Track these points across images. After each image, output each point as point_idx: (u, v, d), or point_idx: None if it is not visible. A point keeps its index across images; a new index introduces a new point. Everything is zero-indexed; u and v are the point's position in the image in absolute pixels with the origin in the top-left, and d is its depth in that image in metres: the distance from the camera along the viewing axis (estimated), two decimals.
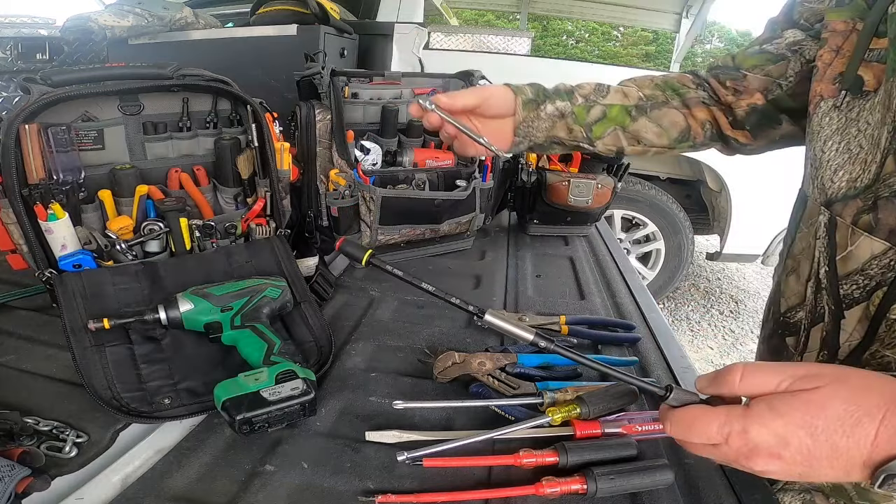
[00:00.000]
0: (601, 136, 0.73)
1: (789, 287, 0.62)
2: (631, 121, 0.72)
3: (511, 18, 11.93)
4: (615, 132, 0.73)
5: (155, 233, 0.73)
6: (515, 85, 0.72)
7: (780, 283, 0.65)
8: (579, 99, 0.72)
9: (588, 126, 0.72)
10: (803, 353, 0.59)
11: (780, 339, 0.65)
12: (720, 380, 0.39)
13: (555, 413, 0.56)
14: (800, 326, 0.60)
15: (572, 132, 0.73)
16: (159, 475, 0.51)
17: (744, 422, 0.36)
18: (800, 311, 0.60)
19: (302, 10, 1.61)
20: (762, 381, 0.38)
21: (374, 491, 0.49)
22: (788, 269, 0.63)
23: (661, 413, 0.43)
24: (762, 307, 2.40)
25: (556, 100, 0.72)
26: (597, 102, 0.72)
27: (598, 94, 0.73)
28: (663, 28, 4.69)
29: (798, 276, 0.60)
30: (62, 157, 0.65)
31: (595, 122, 0.72)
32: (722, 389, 0.39)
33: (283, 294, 0.72)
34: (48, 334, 0.71)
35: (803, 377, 0.36)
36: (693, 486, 0.53)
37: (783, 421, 0.35)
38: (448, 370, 0.66)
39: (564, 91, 0.73)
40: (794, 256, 0.62)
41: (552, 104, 0.71)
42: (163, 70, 0.70)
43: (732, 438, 0.37)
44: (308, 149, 0.96)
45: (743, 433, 0.36)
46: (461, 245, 1.15)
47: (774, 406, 0.36)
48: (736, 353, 2.84)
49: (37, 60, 1.98)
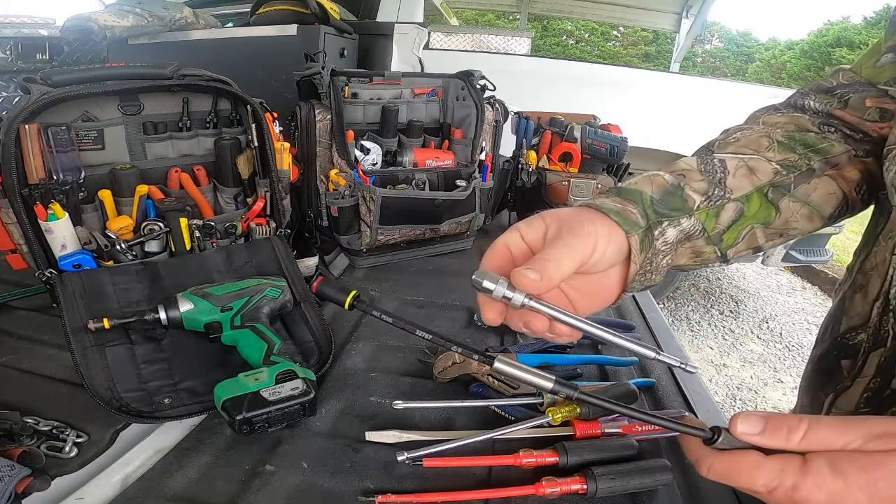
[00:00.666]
0: (734, 244, 0.50)
1: (854, 306, 0.54)
2: (775, 212, 0.49)
3: (511, 18, 11.94)
4: (752, 233, 0.50)
5: (155, 233, 0.73)
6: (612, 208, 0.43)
7: (843, 300, 0.57)
8: (696, 199, 0.47)
9: (717, 237, 0.48)
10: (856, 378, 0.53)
11: (834, 360, 0.57)
12: (777, 432, 0.34)
13: (555, 413, 0.56)
14: (859, 349, 0.52)
15: (701, 255, 0.49)
16: (159, 475, 0.51)
17: (798, 479, 0.32)
18: (861, 333, 0.53)
19: (302, 10, 1.61)
20: (830, 439, 0.33)
21: (374, 491, 0.49)
22: (857, 285, 0.55)
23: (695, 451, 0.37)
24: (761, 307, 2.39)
25: (676, 217, 0.46)
26: (725, 199, 0.48)
27: (717, 184, 0.48)
28: (663, 28, 4.69)
29: (865, 294, 0.53)
30: (62, 157, 0.65)
31: (727, 230, 0.48)
32: (777, 443, 0.34)
33: (283, 294, 0.72)
34: (48, 334, 0.71)
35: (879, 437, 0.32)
36: (693, 486, 0.53)
37: (844, 483, 0.31)
38: (448, 370, 0.66)
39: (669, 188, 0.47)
40: (864, 272, 0.53)
41: (673, 226, 0.46)
42: (163, 70, 0.70)
43: (778, 492, 0.33)
44: (308, 149, 0.96)
45: (793, 490, 0.32)
46: (461, 245, 1.15)
47: (837, 465, 0.32)
48: (736, 353, 2.84)
49: (37, 60, 1.97)
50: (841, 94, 0.54)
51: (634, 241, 0.43)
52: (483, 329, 0.82)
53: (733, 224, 0.48)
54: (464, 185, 1.06)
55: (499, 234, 0.44)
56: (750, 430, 0.34)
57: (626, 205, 0.44)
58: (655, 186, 0.47)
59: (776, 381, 2.61)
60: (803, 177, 0.50)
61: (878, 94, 0.51)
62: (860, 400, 0.51)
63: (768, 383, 2.59)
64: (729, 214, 0.48)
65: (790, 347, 2.95)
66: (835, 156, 0.51)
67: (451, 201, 1.02)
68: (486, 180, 1.09)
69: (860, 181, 0.52)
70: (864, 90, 0.52)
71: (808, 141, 0.51)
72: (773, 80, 15.84)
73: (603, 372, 0.73)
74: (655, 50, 18.15)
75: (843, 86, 0.54)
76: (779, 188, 0.49)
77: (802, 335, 3.07)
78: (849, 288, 0.57)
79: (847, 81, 0.54)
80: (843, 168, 0.51)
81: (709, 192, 0.48)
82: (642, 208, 0.45)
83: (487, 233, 1.28)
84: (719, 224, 0.48)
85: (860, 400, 0.51)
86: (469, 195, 1.04)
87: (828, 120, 0.54)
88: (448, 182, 1.06)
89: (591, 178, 1.21)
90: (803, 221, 0.51)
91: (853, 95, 0.53)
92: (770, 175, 0.49)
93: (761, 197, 0.49)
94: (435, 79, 1.10)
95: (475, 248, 1.17)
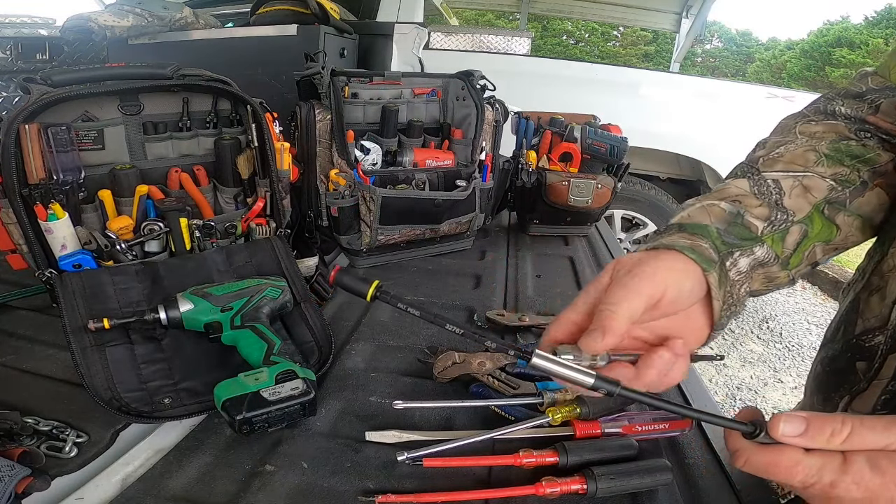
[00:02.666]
0: (799, 265, 0.49)
1: (870, 308, 0.54)
2: (835, 230, 0.49)
3: (511, 18, 11.94)
4: (813, 251, 0.49)
5: (155, 233, 0.73)
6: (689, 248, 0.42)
7: (857, 301, 0.56)
8: (759, 225, 0.46)
9: (785, 261, 0.48)
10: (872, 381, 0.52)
11: (848, 361, 0.56)
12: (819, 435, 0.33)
13: (555, 413, 0.56)
14: (876, 351, 0.51)
15: (774, 280, 0.49)
16: (159, 475, 0.50)
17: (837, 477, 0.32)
18: (879, 336, 0.52)
19: (302, 10, 1.61)
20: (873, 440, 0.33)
21: (374, 491, 0.49)
22: (872, 287, 0.54)
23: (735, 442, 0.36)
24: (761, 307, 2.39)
25: (748, 246, 0.45)
26: (788, 222, 0.47)
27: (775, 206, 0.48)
28: (663, 28, 4.68)
29: (883, 296, 0.52)
30: (62, 157, 0.65)
31: (793, 252, 0.48)
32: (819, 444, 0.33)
33: (283, 294, 0.72)
34: (48, 334, 0.71)
35: None
36: (693, 486, 0.53)
37: (882, 481, 0.32)
38: (448, 370, 0.66)
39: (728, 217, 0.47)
40: (881, 274, 0.53)
41: (745, 255, 0.45)
42: (163, 70, 0.70)
43: (815, 488, 0.33)
44: (308, 149, 0.96)
45: (830, 486, 0.33)
46: (461, 245, 1.15)
47: (877, 464, 0.32)
48: (736, 353, 2.84)
49: (37, 60, 1.97)
50: (871, 98, 0.53)
51: (713, 278, 0.41)
52: (483, 329, 0.83)
53: (798, 246, 0.48)
54: (464, 185, 1.06)
55: (499, 234, 0.44)
56: (791, 431, 0.34)
57: (695, 240, 0.43)
58: (714, 217, 0.46)
59: (776, 381, 2.61)
60: (857, 191, 0.49)
61: None
62: (877, 402, 0.50)
63: (768, 383, 2.59)
64: (794, 237, 0.47)
65: (790, 347, 2.94)
66: (881, 165, 0.51)
67: (451, 201, 1.02)
68: (486, 180, 1.09)
69: None
70: (894, 95, 0.52)
71: (854, 151, 0.51)
72: (773, 79, 15.84)
73: None
74: (655, 50, 18.14)
75: (874, 91, 0.53)
76: (834, 204, 0.49)
77: (802, 335, 3.06)
78: (862, 289, 0.56)
79: (877, 87, 0.53)
80: (888, 176, 0.51)
81: (771, 217, 0.47)
82: (711, 242, 0.44)
83: (487, 233, 1.28)
84: (786, 248, 0.47)
85: (877, 402, 0.50)
86: (469, 195, 1.04)
87: (863, 126, 0.53)
88: (448, 182, 1.06)
89: (592, 178, 1.21)
90: (857, 234, 0.51)
91: (884, 101, 0.52)
92: (825, 192, 0.49)
93: (821, 215, 0.48)
94: (435, 79, 1.10)
95: (475, 248, 1.17)
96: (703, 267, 0.41)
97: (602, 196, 1.22)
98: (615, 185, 1.24)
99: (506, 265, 1.11)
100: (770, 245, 0.46)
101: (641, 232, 2.91)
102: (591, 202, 1.22)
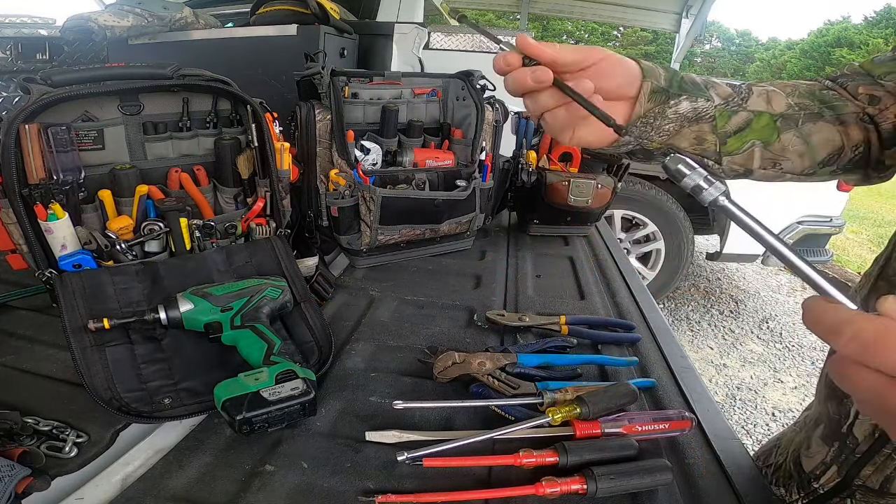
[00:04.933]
0: (733, 153, 0.55)
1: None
2: (777, 135, 0.55)
3: (511, 18, 11.94)
4: (752, 149, 0.55)
5: (155, 233, 0.73)
6: (645, 62, 0.52)
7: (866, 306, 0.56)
8: (717, 100, 0.54)
9: (723, 137, 0.54)
10: None
11: None
12: None
13: (555, 413, 0.56)
14: None
15: (703, 143, 0.54)
16: (159, 475, 0.50)
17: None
18: None
19: (302, 10, 1.61)
20: None
21: (374, 491, 0.49)
22: (880, 291, 0.55)
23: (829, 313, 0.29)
24: (761, 307, 2.38)
25: (695, 95, 0.53)
26: (740, 108, 0.54)
27: (737, 96, 0.55)
28: (663, 28, 4.68)
29: None
30: (62, 157, 0.65)
31: (733, 134, 0.54)
32: None
33: (283, 294, 0.72)
34: (48, 334, 0.71)
35: None
36: (693, 486, 0.53)
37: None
38: (448, 370, 0.66)
39: (698, 80, 0.55)
40: (887, 279, 0.54)
41: (690, 101, 0.53)
42: (163, 70, 0.70)
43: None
44: (308, 149, 0.96)
45: None
46: (461, 245, 1.15)
47: None
48: (736, 353, 2.84)
49: (37, 60, 1.97)
50: (842, 81, 0.59)
51: (646, 86, 0.50)
52: (483, 329, 0.83)
53: (740, 131, 0.54)
54: (464, 185, 1.06)
55: (499, 234, 0.44)
56: None
57: (658, 67, 0.52)
58: (685, 75, 0.54)
59: (776, 381, 2.61)
60: (811, 117, 0.55)
61: (871, 82, 0.57)
62: None
63: (768, 383, 2.59)
64: (739, 120, 0.54)
65: (790, 347, 2.95)
66: (845, 113, 0.56)
67: (451, 201, 1.02)
68: (486, 180, 1.09)
69: (859, 143, 0.57)
70: (859, 79, 0.58)
71: (825, 98, 0.57)
72: (773, 79, 15.84)
73: (603, 372, 0.73)
74: (655, 50, 18.15)
75: (845, 75, 0.60)
76: (787, 120, 0.55)
77: (802, 335, 3.06)
78: (869, 294, 0.57)
79: (849, 72, 0.60)
80: (849, 126, 0.56)
81: (728, 100, 0.55)
82: (669, 76, 0.52)
83: (487, 233, 1.28)
84: (728, 126, 0.54)
85: None
86: (469, 195, 1.04)
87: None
88: (448, 182, 1.06)
89: (591, 177, 1.21)
90: (795, 157, 0.56)
91: (850, 83, 0.58)
92: (783, 108, 0.55)
93: (771, 120, 0.55)
94: (435, 79, 1.10)
95: (475, 248, 1.17)
96: (645, 74, 0.51)
97: (602, 196, 1.22)
98: (615, 185, 1.24)
99: (506, 265, 1.11)
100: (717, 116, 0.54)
101: (641, 232, 2.91)
102: (591, 202, 1.22)
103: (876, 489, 0.52)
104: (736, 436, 0.62)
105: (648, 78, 0.50)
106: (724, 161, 0.55)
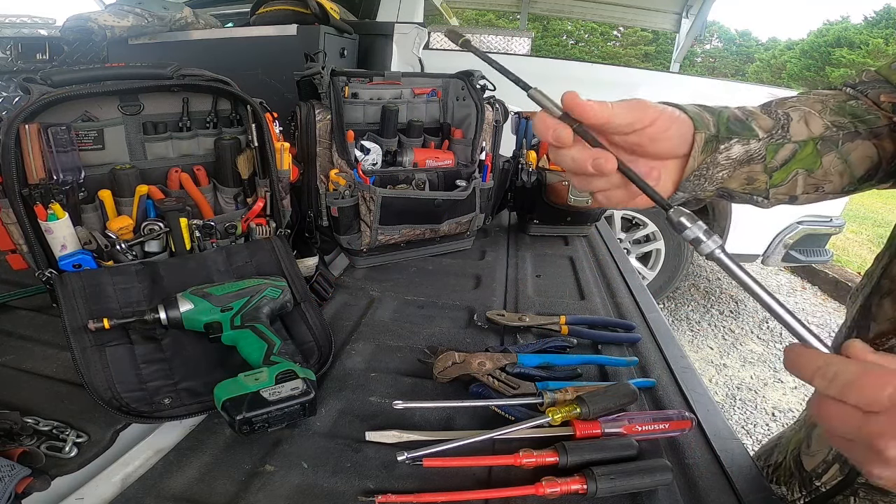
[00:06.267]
0: (778, 185, 0.53)
1: (883, 311, 0.55)
2: (819, 162, 0.53)
3: (511, 18, 11.94)
4: (795, 178, 0.53)
5: (155, 233, 0.73)
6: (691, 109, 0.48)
7: (868, 305, 0.57)
8: (761, 134, 0.52)
9: (770, 172, 0.52)
10: None
11: None
12: None
13: (555, 413, 0.56)
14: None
15: (753, 183, 0.52)
16: (159, 475, 0.51)
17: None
18: (893, 339, 0.53)
19: (302, 10, 1.61)
20: None
21: (374, 491, 0.49)
22: (884, 290, 0.55)
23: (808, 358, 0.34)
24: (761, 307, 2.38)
25: (746, 137, 0.50)
26: (784, 139, 0.52)
27: (779, 126, 0.53)
28: (663, 28, 4.68)
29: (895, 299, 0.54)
30: (62, 157, 0.65)
31: (780, 167, 0.52)
32: None
33: (283, 294, 0.72)
34: (48, 334, 0.71)
35: None
36: (693, 486, 0.53)
37: None
38: (448, 370, 0.66)
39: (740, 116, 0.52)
40: (891, 277, 0.55)
41: (742, 144, 0.50)
42: (163, 70, 0.70)
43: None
44: (308, 149, 0.96)
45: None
46: (461, 245, 1.15)
47: None
48: (736, 353, 2.84)
49: (37, 60, 1.97)
50: (862, 89, 0.59)
51: (700, 138, 0.47)
52: (483, 329, 0.83)
53: (786, 164, 0.52)
54: (464, 185, 1.06)
55: (499, 234, 0.44)
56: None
57: (703, 111, 0.49)
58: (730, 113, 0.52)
59: (776, 381, 2.61)
60: (849, 136, 0.54)
61: (892, 90, 0.56)
62: None
63: (768, 383, 2.59)
64: (785, 154, 0.52)
65: None
66: (878, 126, 0.55)
67: (451, 201, 1.02)
68: (486, 180, 1.09)
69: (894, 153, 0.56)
70: (880, 87, 0.57)
71: (856, 111, 0.56)
72: (773, 79, 15.85)
73: (603, 372, 0.73)
74: (655, 50, 18.15)
75: (864, 83, 0.59)
76: (827, 142, 0.53)
77: None
78: (872, 294, 0.57)
79: (868, 79, 0.59)
80: (883, 139, 0.55)
81: (772, 131, 0.52)
82: (717, 120, 0.49)
83: (487, 233, 1.28)
84: (775, 160, 0.52)
85: None
86: (469, 195, 1.04)
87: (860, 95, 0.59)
88: (448, 182, 1.06)
89: None
90: (836, 177, 0.55)
91: (871, 91, 0.57)
92: (822, 129, 0.53)
93: (813, 145, 0.53)
94: (435, 79, 1.10)
95: (475, 248, 1.17)
96: (696, 126, 0.47)
97: None
98: None
99: (506, 265, 1.11)
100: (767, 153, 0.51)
101: (641, 232, 2.91)
102: (591, 202, 1.22)
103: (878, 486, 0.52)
104: (736, 436, 0.62)
105: (700, 129, 0.47)
106: (771, 193, 0.54)
